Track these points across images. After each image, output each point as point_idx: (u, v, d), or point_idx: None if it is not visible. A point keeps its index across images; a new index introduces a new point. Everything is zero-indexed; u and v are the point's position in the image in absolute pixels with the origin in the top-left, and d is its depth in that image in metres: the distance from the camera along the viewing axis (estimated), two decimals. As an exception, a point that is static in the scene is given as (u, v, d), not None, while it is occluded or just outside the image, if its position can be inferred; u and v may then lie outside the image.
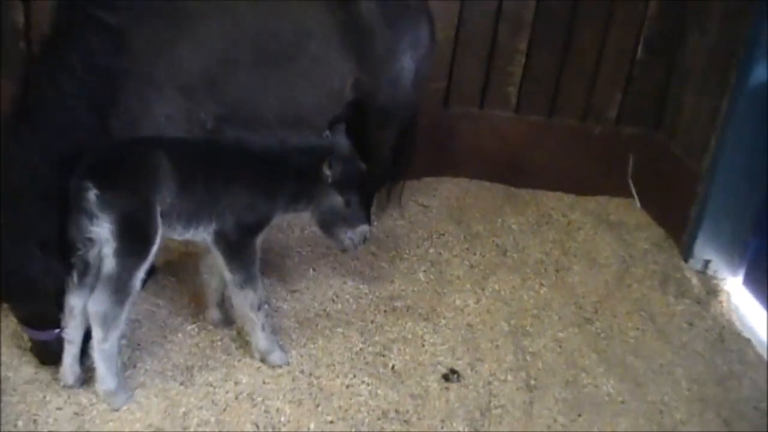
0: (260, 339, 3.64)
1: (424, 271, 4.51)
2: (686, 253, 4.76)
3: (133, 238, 3.18)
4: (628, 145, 5.38)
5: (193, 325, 3.91)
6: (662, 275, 4.64)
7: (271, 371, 3.63)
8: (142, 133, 3.42)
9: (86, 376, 3.44)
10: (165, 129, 3.47)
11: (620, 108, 5.34)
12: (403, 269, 4.52)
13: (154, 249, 3.26)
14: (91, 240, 3.18)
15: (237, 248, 3.46)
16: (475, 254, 4.72)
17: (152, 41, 3.42)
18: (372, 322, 4.05)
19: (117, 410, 3.35)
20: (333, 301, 4.18)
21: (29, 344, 3.56)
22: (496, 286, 4.44)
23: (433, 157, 5.38)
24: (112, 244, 3.14)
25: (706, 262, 4.70)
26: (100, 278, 3.20)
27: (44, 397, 3.37)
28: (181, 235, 3.43)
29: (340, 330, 3.96)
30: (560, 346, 4.02)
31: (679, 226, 4.85)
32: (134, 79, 3.37)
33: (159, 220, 3.22)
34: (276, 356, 3.67)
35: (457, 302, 4.28)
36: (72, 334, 3.37)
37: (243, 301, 3.55)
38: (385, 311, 4.13)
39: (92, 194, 3.09)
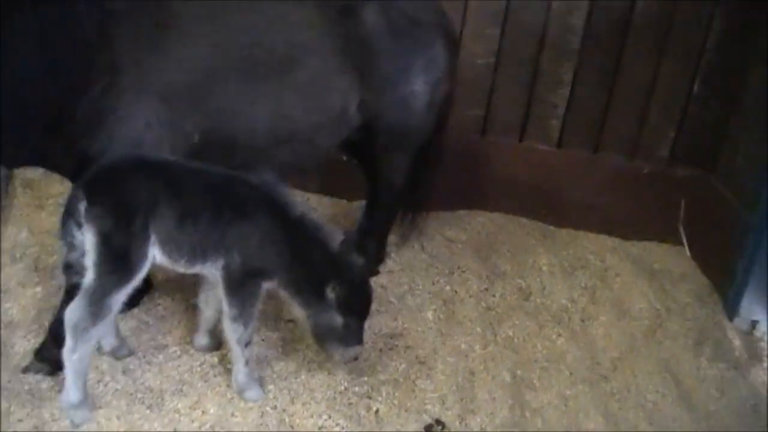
0: (240, 373, 3.49)
1: (434, 309, 4.20)
2: (731, 311, 4.27)
3: (114, 259, 3.13)
4: (680, 187, 4.92)
5: (177, 348, 3.75)
6: (699, 333, 4.17)
7: (243, 404, 3.42)
8: (109, 130, 3.23)
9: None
10: (143, 137, 3.30)
11: (673, 147, 4.91)
12: (411, 306, 4.22)
13: (137, 275, 3.18)
14: (73, 245, 3.16)
15: (239, 285, 3.35)
16: (494, 295, 4.38)
17: (137, 38, 3.25)
18: (365, 360, 3.76)
19: (77, 427, 3.24)
20: (327, 335, 3.95)
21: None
22: (510, 332, 4.09)
23: (467, 189, 5.12)
24: (92, 257, 3.10)
25: (753, 323, 4.21)
26: (81, 288, 3.16)
27: (9, 407, 3.29)
28: (187, 268, 3.32)
29: (328, 366, 3.72)
30: (566, 404, 3.64)
31: (726, 281, 4.37)
32: (111, 73, 3.19)
33: (148, 248, 3.16)
34: (251, 393, 3.50)
35: (463, 346, 3.95)
36: None
37: (232, 333, 3.42)
38: (380, 350, 3.85)
39: (82, 205, 3.09)
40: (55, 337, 3.43)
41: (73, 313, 3.14)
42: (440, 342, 3.97)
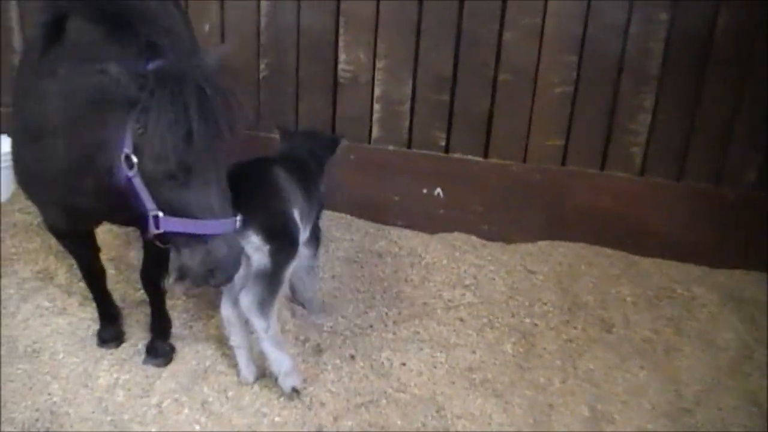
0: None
1: (513, 342, 4.19)
2: (825, 342, 4.07)
3: (281, 242, 3.53)
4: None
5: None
6: (790, 366, 3.99)
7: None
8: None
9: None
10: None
11: (759, 170, 4.72)
12: (490, 339, 4.21)
13: (298, 249, 3.64)
14: None
15: (317, 235, 4.13)
16: (575, 328, 4.32)
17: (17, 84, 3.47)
18: (441, 394, 3.80)
19: (298, 391, 3.67)
20: (403, 369, 3.96)
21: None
22: (591, 365, 4.02)
23: (548, 220, 5.08)
24: (264, 248, 3.47)
25: None
26: (252, 275, 3.52)
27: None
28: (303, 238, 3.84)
29: (405, 399, 3.76)
30: (646, 440, 3.57)
31: (821, 310, 4.17)
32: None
33: (298, 222, 3.63)
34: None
35: (541, 380, 3.92)
36: (237, 340, 3.75)
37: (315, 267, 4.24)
38: (456, 383, 3.87)
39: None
40: (158, 334, 4.00)
41: (254, 296, 3.52)
42: (518, 375, 3.95)
